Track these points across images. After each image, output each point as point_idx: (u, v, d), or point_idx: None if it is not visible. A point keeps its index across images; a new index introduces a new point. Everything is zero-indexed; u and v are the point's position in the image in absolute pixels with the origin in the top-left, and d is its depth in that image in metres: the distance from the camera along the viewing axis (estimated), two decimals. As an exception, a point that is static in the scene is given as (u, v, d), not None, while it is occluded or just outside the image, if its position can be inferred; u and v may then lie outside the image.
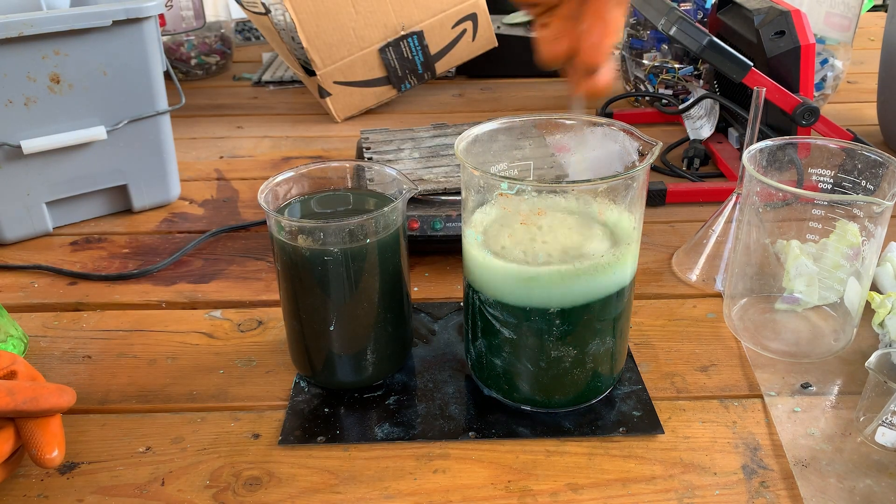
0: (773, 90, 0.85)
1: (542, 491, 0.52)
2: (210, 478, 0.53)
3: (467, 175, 0.54)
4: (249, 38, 1.67)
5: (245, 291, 0.76)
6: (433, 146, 0.86)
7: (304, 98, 1.31)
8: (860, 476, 0.52)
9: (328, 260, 0.54)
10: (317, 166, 0.60)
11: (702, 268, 0.76)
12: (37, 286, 0.77)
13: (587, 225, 0.54)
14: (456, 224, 0.75)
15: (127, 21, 0.81)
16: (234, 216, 0.91)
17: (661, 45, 1.19)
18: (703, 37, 0.85)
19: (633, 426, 0.57)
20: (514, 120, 0.58)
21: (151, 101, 0.87)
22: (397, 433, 0.57)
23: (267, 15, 1.14)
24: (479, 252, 0.54)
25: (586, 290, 0.52)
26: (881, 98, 1.06)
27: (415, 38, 1.19)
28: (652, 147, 0.51)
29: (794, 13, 0.87)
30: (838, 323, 0.65)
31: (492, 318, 0.54)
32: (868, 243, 0.59)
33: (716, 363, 0.64)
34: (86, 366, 0.65)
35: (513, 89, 1.34)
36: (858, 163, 0.61)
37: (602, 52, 0.41)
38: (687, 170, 0.99)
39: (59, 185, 0.85)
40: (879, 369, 0.54)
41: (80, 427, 0.58)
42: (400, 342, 0.61)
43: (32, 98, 0.80)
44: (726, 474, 0.53)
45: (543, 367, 0.55)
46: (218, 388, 0.62)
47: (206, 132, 1.17)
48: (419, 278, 0.77)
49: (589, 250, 0.52)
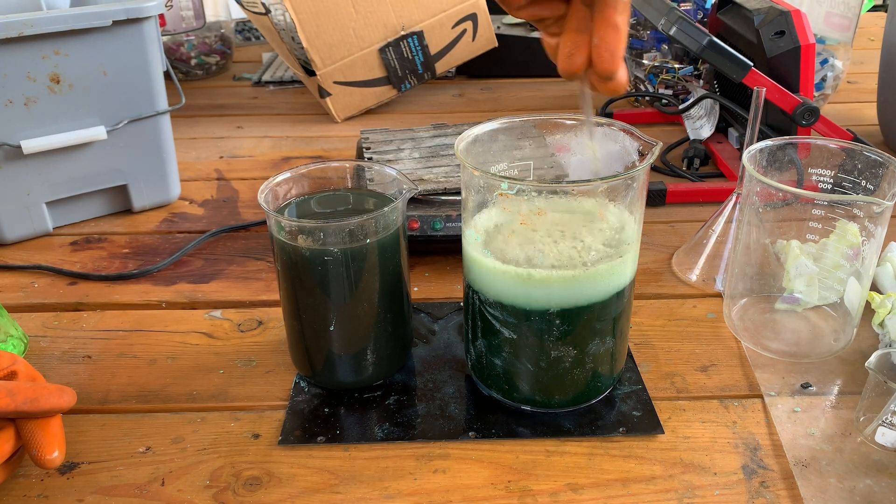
0: (773, 90, 0.85)
1: (542, 491, 0.52)
2: (210, 478, 0.53)
3: (467, 175, 0.54)
4: (249, 38, 1.67)
5: (245, 291, 0.76)
6: (433, 146, 0.86)
7: (304, 98, 1.31)
8: (860, 476, 0.52)
9: (328, 260, 0.54)
10: (317, 166, 0.60)
11: (702, 268, 0.76)
12: (37, 286, 0.77)
13: (587, 226, 0.54)
14: (456, 224, 0.75)
15: (127, 21, 0.81)
16: (234, 216, 0.91)
17: (661, 45, 1.19)
18: (703, 37, 0.85)
19: (633, 426, 0.57)
20: (514, 120, 0.58)
21: (151, 101, 0.87)
22: (397, 433, 0.57)
23: (267, 15, 1.14)
24: (478, 252, 0.54)
25: (586, 290, 0.52)
26: (881, 98, 1.06)
27: (415, 38, 1.19)
28: (652, 147, 0.51)
29: (794, 13, 0.87)
30: (838, 323, 0.65)
31: (492, 318, 0.54)
32: (868, 243, 0.59)
33: (716, 363, 0.64)
34: (86, 366, 0.65)
35: (513, 89, 1.34)
36: (858, 163, 0.61)
37: (618, 58, 0.42)
38: (687, 170, 0.99)
39: (59, 185, 0.85)
40: (879, 369, 0.54)
41: (80, 427, 0.58)
42: (400, 342, 0.61)
43: (32, 98, 0.80)
44: (726, 474, 0.53)
45: (543, 367, 0.55)
46: (218, 388, 0.62)
47: (206, 132, 1.17)
48: (419, 278, 0.77)
49: (589, 252, 0.52)
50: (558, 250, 0.52)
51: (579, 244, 0.53)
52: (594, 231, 0.54)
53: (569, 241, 0.53)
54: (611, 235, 0.54)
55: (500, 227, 0.55)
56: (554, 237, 0.53)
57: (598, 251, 0.52)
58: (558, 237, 0.53)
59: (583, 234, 0.54)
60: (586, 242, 0.53)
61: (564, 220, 0.54)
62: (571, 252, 0.52)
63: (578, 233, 0.54)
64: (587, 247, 0.53)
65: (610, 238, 0.54)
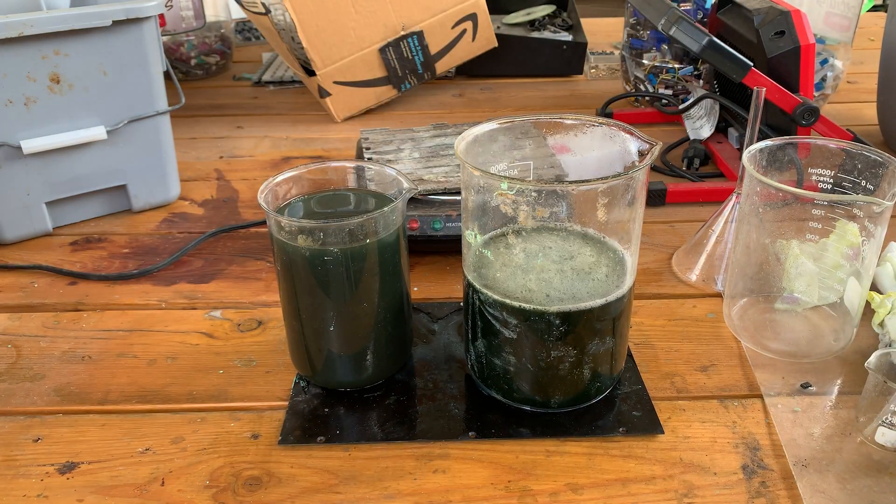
0: (773, 90, 0.85)
1: (542, 491, 0.52)
2: (210, 478, 0.53)
3: (467, 175, 0.54)
4: (249, 38, 1.67)
5: (245, 291, 0.76)
6: (433, 146, 0.86)
7: (304, 98, 1.31)
8: (860, 476, 0.52)
9: (328, 260, 0.54)
10: (317, 166, 0.60)
11: (702, 268, 0.76)
12: (37, 286, 0.77)
13: (587, 225, 0.54)
14: (456, 224, 0.75)
15: (127, 21, 0.81)
16: (234, 216, 0.91)
17: (661, 45, 1.19)
18: (703, 37, 0.85)
19: (633, 426, 0.57)
20: (514, 120, 0.58)
21: (151, 101, 0.87)
22: (397, 433, 0.57)
23: (267, 15, 1.14)
24: (478, 252, 0.54)
25: (586, 290, 0.52)
26: (881, 98, 1.06)
27: (415, 38, 1.19)
28: (652, 147, 0.51)
29: (794, 13, 0.87)
30: (838, 323, 0.65)
31: (492, 318, 0.54)
32: (868, 243, 0.59)
33: (716, 363, 0.64)
34: (86, 366, 0.65)
35: (513, 89, 1.34)
36: (858, 163, 0.61)
37: None
38: (687, 170, 0.99)
39: (59, 185, 0.85)
40: (879, 369, 0.54)
41: (80, 427, 0.58)
42: (400, 342, 0.61)
43: (32, 98, 0.80)
44: (726, 474, 0.53)
45: (543, 367, 0.55)
46: (218, 388, 0.62)
47: (206, 132, 1.17)
48: (419, 278, 0.77)
49: (588, 254, 0.52)
50: (558, 251, 0.52)
51: (580, 245, 0.53)
52: (594, 231, 0.54)
53: (569, 241, 0.53)
54: (611, 235, 0.54)
55: (500, 227, 0.55)
56: (554, 238, 0.53)
57: (599, 252, 0.52)
58: (559, 238, 0.53)
59: (583, 234, 0.54)
60: (586, 243, 0.53)
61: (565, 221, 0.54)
62: (572, 253, 0.52)
63: (578, 233, 0.54)
64: (587, 248, 0.53)
65: (610, 238, 0.54)
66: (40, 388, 0.63)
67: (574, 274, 0.53)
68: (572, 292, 0.53)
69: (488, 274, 0.55)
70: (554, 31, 1.40)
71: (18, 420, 0.59)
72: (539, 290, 0.53)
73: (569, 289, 0.53)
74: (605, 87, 1.34)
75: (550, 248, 0.55)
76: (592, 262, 0.54)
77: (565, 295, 0.52)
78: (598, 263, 0.54)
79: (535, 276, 0.53)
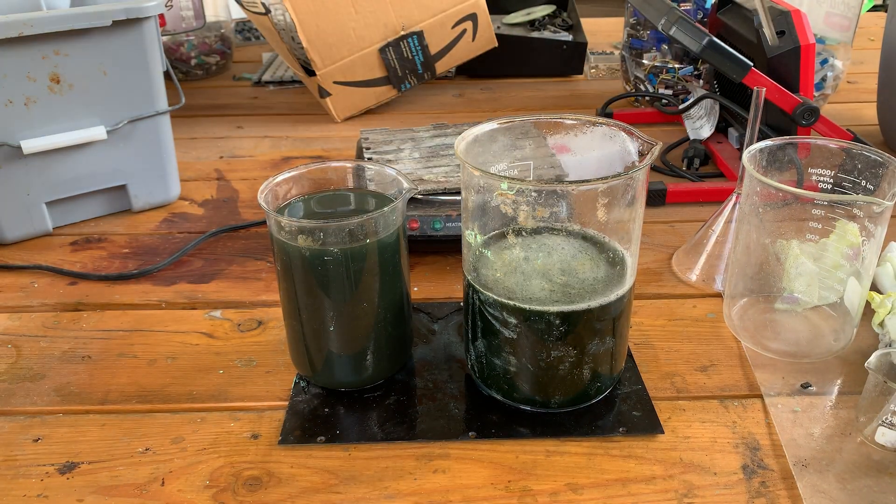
0: (773, 90, 0.85)
1: (542, 491, 0.52)
2: (210, 478, 0.53)
3: (467, 175, 0.54)
4: (249, 38, 1.67)
5: (245, 291, 0.76)
6: (433, 146, 0.86)
7: (304, 98, 1.31)
8: (860, 476, 0.52)
9: (328, 260, 0.54)
10: (317, 166, 0.60)
11: (702, 268, 0.76)
12: (37, 286, 0.77)
13: (588, 225, 0.54)
14: (456, 224, 0.75)
15: (127, 21, 0.81)
16: (234, 216, 0.91)
17: (661, 45, 1.19)
18: (703, 37, 0.85)
19: (633, 426, 0.57)
20: (514, 120, 0.58)
21: (151, 101, 0.87)
22: (397, 433, 0.57)
23: (267, 15, 1.14)
24: (478, 252, 0.54)
25: (586, 290, 0.52)
26: (881, 98, 1.06)
27: (415, 38, 1.19)
28: (652, 147, 0.51)
29: (794, 13, 0.87)
30: (838, 323, 0.65)
31: (492, 318, 0.54)
32: (868, 243, 0.59)
33: (716, 363, 0.64)
34: (86, 366, 0.65)
35: (513, 89, 1.34)
36: (858, 163, 0.61)
37: None
38: (687, 170, 0.99)
39: (59, 185, 0.85)
40: (879, 369, 0.54)
41: (80, 427, 0.58)
42: (400, 342, 0.61)
43: (32, 98, 0.80)
44: (726, 474, 0.53)
45: (543, 367, 0.55)
46: (218, 388, 0.62)
47: (206, 132, 1.17)
48: (419, 278, 0.77)
49: (588, 254, 0.52)
50: (558, 252, 0.52)
51: (579, 245, 0.53)
52: (595, 231, 0.54)
53: (569, 242, 0.53)
54: (612, 235, 0.54)
55: (500, 227, 0.55)
56: (554, 238, 0.53)
57: (598, 252, 0.52)
58: (559, 238, 0.53)
59: (582, 234, 0.54)
60: (586, 244, 0.53)
61: (565, 221, 0.54)
62: (572, 253, 0.52)
63: (578, 233, 0.54)
64: (586, 250, 0.53)
65: (611, 237, 0.54)
66: (40, 388, 0.63)
67: (574, 274, 0.53)
68: (572, 292, 0.53)
69: (488, 274, 0.55)
70: (554, 31, 1.40)
71: (18, 420, 0.59)
72: (539, 290, 0.53)
73: (569, 289, 0.53)
74: (605, 87, 1.34)
75: (550, 249, 0.55)
76: (592, 263, 0.54)
77: (565, 295, 0.52)
78: (598, 263, 0.54)
79: (535, 276, 0.53)
